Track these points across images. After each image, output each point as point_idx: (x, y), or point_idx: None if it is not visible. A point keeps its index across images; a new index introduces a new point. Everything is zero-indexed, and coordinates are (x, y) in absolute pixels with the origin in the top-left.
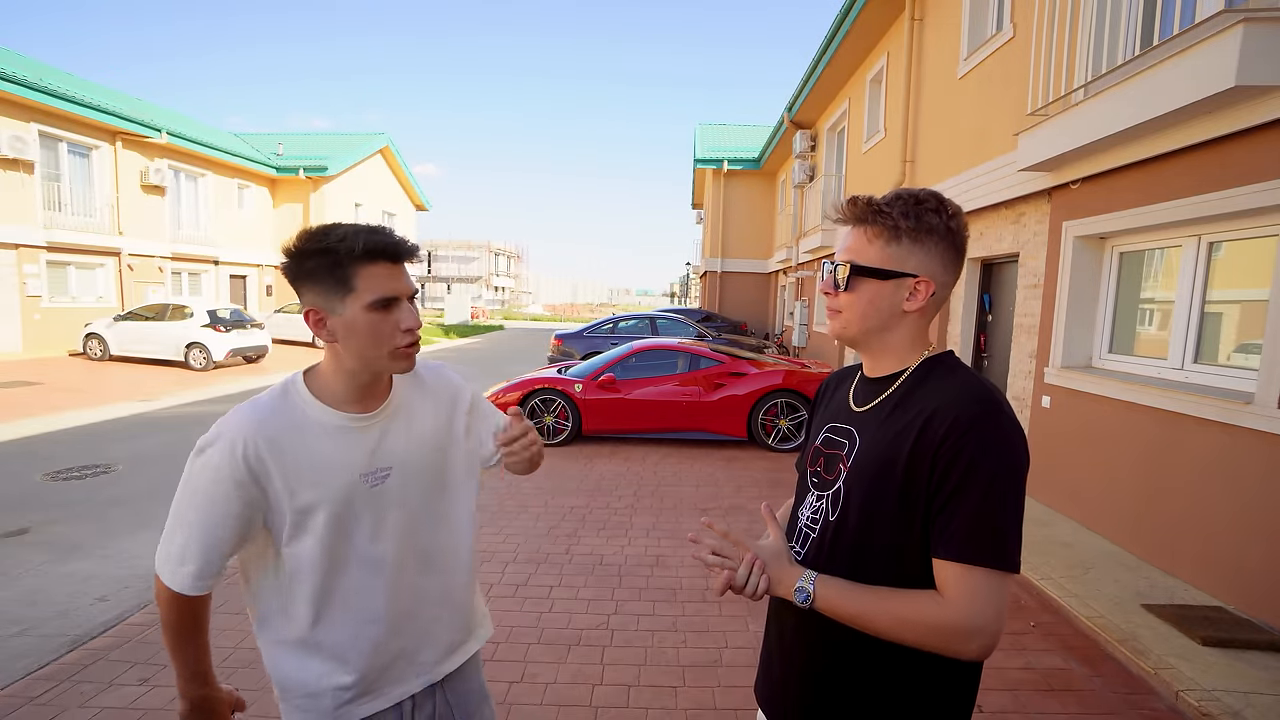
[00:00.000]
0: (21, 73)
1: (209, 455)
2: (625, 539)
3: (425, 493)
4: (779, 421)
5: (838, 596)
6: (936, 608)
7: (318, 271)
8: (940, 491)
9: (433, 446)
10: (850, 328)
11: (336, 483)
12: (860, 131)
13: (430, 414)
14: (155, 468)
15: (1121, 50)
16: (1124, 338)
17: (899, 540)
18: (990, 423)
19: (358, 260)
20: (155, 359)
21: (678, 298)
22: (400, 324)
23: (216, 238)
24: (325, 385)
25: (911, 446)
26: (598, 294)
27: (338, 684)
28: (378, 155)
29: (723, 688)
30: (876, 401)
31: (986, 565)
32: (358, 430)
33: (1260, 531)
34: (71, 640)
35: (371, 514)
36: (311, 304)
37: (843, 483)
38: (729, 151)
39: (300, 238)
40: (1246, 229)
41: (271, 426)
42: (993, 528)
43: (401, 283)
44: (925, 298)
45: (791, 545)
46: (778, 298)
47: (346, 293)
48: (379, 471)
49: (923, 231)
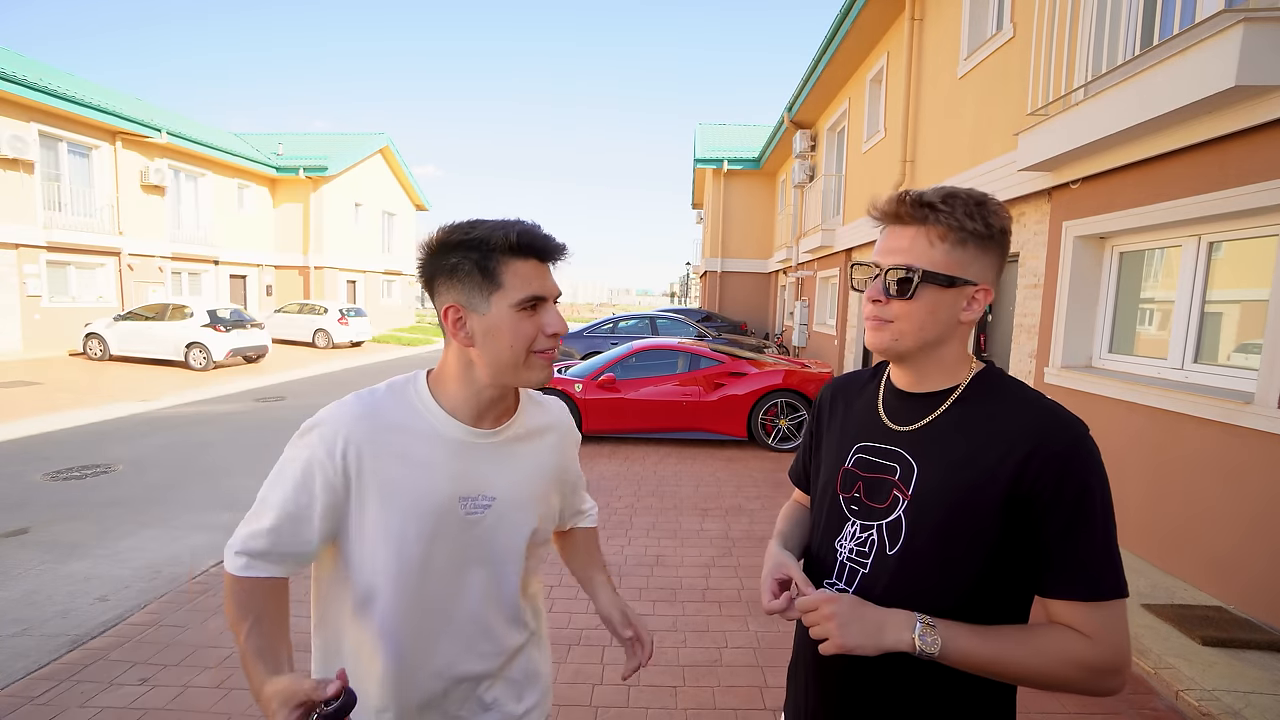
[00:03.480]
0: (21, 72)
1: (309, 439)
2: (625, 539)
3: (516, 536)
4: (779, 421)
5: (969, 640)
6: (1085, 646)
7: (463, 265)
8: (1051, 530)
9: (538, 481)
10: (904, 340)
11: (431, 500)
12: (860, 131)
13: (551, 451)
14: (155, 468)
15: (1121, 50)
16: (1124, 338)
17: (985, 576)
18: (1087, 451)
19: (510, 254)
20: (155, 359)
21: (678, 298)
22: (546, 327)
23: (216, 238)
24: (447, 392)
25: (1010, 482)
26: (598, 294)
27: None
28: (378, 155)
29: (723, 688)
30: (927, 421)
31: (1115, 598)
32: (471, 446)
33: (1260, 531)
34: (71, 640)
35: (457, 547)
36: (452, 301)
37: (903, 513)
38: (729, 151)
39: (446, 230)
40: (1246, 229)
41: (383, 426)
42: (1109, 558)
43: (550, 282)
44: (982, 307)
45: (830, 581)
46: (778, 297)
47: (494, 289)
48: (480, 499)
49: (987, 235)
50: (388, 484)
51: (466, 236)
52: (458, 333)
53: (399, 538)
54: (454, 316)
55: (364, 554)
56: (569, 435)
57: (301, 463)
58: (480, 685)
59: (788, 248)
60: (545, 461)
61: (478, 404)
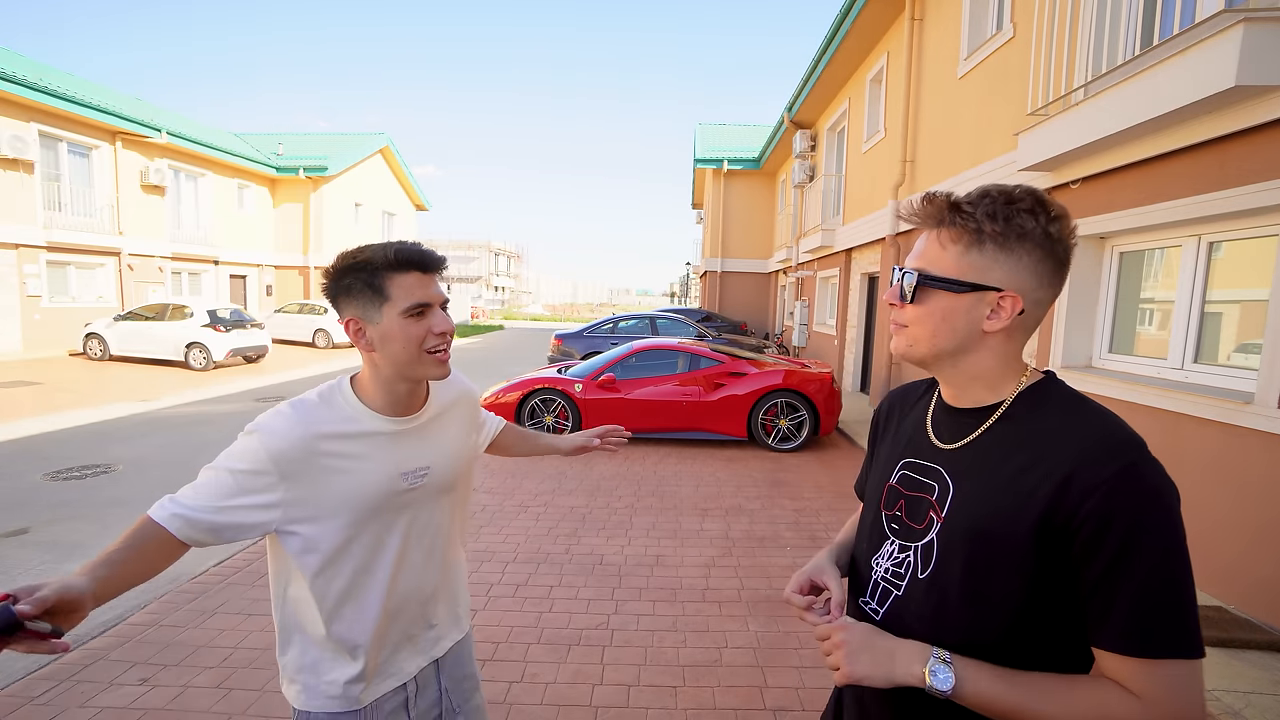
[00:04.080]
0: (21, 73)
1: (250, 443)
2: (625, 539)
3: (451, 491)
4: (779, 421)
5: (991, 683)
6: (1130, 710)
7: (355, 285)
8: (1094, 569)
9: (463, 446)
10: (918, 347)
11: (374, 485)
12: (860, 131)
13: (459, 419)
14: (155, 468)
15: (1121, 50)
16: (1124, 337)
17: (1029, 613)
18: (1139, 479)
19: (390, 270)
20: (155, 359)
21: (678, 298)
22: (433, 328)
23: (216, 238)
24: (366, 393)
25: (1044, 511)
26: (598, 294)
27: (349, 674)
28: (377, 155)
29: (723, 688)
30: (969, 440)
31: (1173, 656)
32: (399, 434)
33: (1260, 531)
34: (71, 640)
35: (406, 514)
36: (351, 315)
37: (936, 535)
38: (729, 151)
39: (338, 258)
40: (1246, 229)
41: (313, 427)
42: (1169, 608)
43: (432, 290)
44: (1010, 316)
45: (864, 600)
46: (778, 297)
47: (383, 301)
48: (418, 471)
49: (1013, 237)
50: (328, 481)
51: (355, 260)
52: (359, 340)
53: (349, 521)
54: (354, 328)
55: (318, 536)
56: (468, 396)
57: (246, 461)
58: (433, 603)
59: (788, 248)
60: (462, 427)
61: (394, 398)
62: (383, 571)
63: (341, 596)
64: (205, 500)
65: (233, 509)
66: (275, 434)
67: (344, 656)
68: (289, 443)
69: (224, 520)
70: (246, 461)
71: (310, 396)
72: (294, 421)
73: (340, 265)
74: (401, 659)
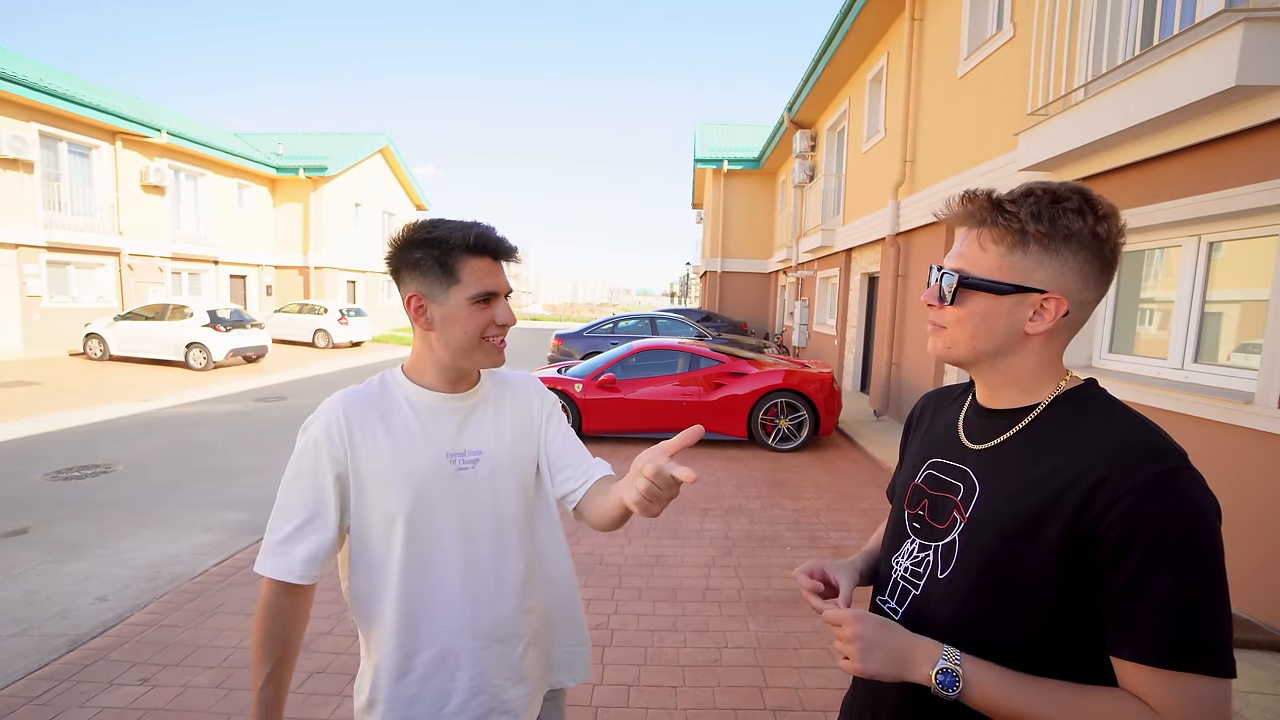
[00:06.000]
0: (21, 73)
1: (310, 433)
2: (625, 539)
3: (516, 491)
4: (779, 421)
5: (1000, 687)
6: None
7: (426, 261)
8: (1119, 576)
9: (520, 441)
10: (956, 348)
11: (420, 461)
12: (860, 131)
13: (512, 411)
14: (155, 468)
15: (1122, 50)
16: (1124, 337)
17: (1058, 620)
18: (1175, 487)
19: (465, 253)
20: (155, 359)
21: (678, 298)
22: (496, 318)
23: (216, 238)
24: (418, 370)
25: (1072, 516)
26: (598, 294)
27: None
28: (378, 155)
29: (723, 688)
30: (999, 441)
31: (1200, 671)
32: (446, 409)
33: (1260, 531)
34: (71, 640)
35: (459, 502)
36: (415, 291)
37: (958, 536)
38: (729, 151)
39: (410, 228)
40: (1246, 229)
41: (366, 404)
42: (1199, 621)
43: (501, 279)
44: (1054, 318)
45: (883, 598)
46: (778, 297)
47: (451, 283)
48: (467, 454)
49: (1058, 237)
50: (376, 453)
51: (430, 235)
52: (419, 318)
53: (396, 500)
54: (416, 304)
55: (369, 520)
56: (533, 390)
57: (310, 450)
58: (503, 644)
59: (788, 248)
60: (512, 421)
61: (444, 377)
62: (436, 579)
63: (398, 600)
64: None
65: (324, 498)
66: (324, 410)
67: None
68: (337, 413)
69: (326, 512)
70: (309, 452)
71: (361, 385)
72: (342, 397)
73: (412, 238)
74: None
